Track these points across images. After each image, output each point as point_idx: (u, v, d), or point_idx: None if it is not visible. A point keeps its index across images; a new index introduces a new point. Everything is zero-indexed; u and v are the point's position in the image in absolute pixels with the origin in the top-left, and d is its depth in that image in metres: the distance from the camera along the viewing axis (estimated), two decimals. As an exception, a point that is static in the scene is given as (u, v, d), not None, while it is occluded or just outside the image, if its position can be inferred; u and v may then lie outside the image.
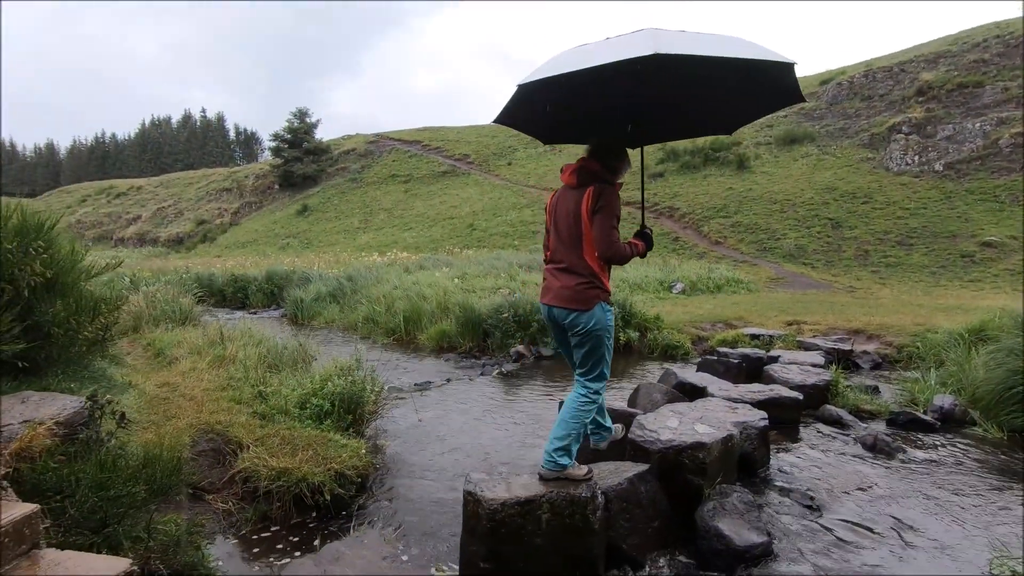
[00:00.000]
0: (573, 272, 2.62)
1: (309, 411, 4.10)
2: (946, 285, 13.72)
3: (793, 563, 2.72)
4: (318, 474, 3.29)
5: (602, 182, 2.65)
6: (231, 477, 3.37)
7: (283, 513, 3.16)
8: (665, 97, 2.85)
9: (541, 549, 2.35)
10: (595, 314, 2.60)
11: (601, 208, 2.55)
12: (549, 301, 2.70)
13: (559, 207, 2.72)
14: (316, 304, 12.11)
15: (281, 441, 3.58)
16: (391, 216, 30.96)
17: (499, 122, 2.84)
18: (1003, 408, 4.54)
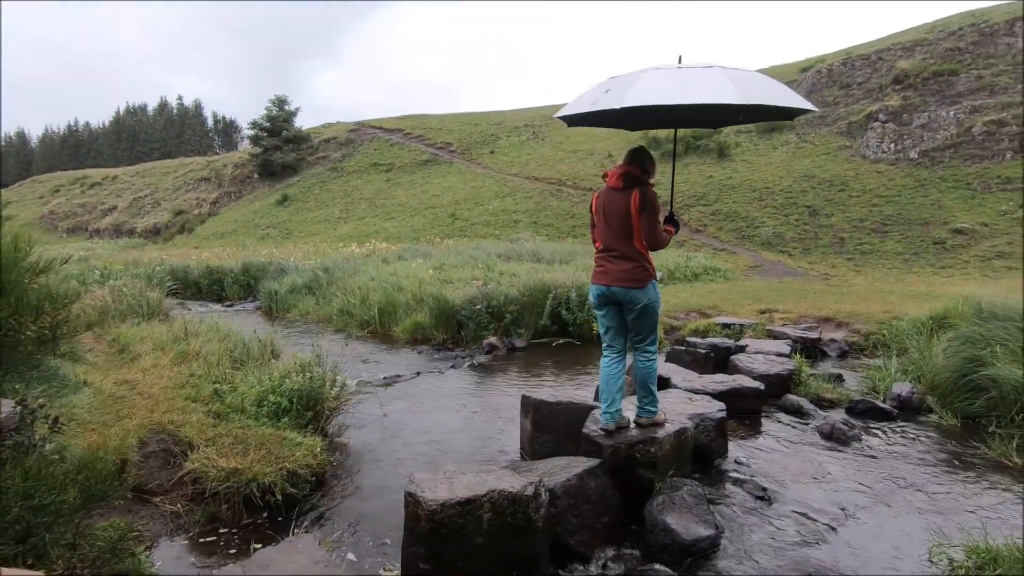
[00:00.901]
0: (628, 258, 3.18)
1: (266, 409, 4.04)
2: (918, 272, 13.94)
3: (737, 556, 2.75)
4: (269, 474, 3.25)
5: (643, 184, 3.19)
6: (180, 479, 3.31)
7: (232, 515, 3.12)
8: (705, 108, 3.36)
9: (482, 549, 2.33)
10: (648, 291, 3.18)
11: (647, 207, 3.11)
12: (608, 283, 3.22)
13: (607, 206, 3.25)
14: (291, 296, 11.97)
15: (233, 440, 3.52)
16: (373, 206, 30.65)
17: (573, 123, 3.63)
18: (958, 395, 4.62)
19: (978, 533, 2.79)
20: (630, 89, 2.86)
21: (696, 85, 2.82)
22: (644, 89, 2.85)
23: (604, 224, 3.26)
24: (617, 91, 2.94)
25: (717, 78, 2.85)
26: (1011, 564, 2.45)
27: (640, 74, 3.02)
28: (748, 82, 2.87)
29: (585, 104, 3.16)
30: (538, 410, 3.87)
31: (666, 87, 2.86)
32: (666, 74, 2.96)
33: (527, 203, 24.43)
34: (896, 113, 20.72)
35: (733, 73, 2.92)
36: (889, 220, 16.85)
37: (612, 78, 3.25)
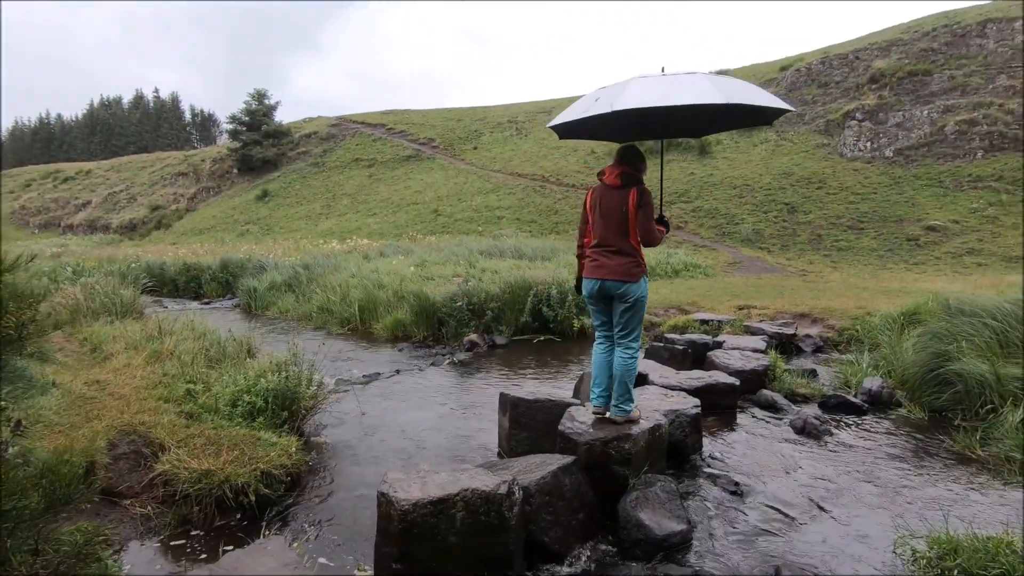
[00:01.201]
0: (623, 253, 3.26)
1: (241, 409, 3.99)
2: (892, 268, 14.23)
3: (708, 549, 2.79)
4: (242, 475, 3.21)
5: (640, 183, 3.29)
6: (151, 481, 3.26)
7: (204, 517, 3.08)
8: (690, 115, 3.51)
9: (455, 548, 2.34)
10: (641, 285, 3.28)
11: (644, 205, 3.21)
12: (603, 276, 3.29)
13: (603, 203, 3.31)
14: (270, 294, 11.82)
15: (206, 441, 3.47)
16: (354, 201, 30.37)
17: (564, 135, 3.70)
18: (926, 389, 4.73)
19: (940, 524, 2.86)
20: (619, 96, 2.99)
21: (681, 89, 3.00)
22: (633, 95, 2.98)
23: (601, 220, 3.32)
24: (606, 99, 3.07)
25: (700, 82, 3.03)
26: (970, 554, 2.53)
27: (627, 82, 3.16)
28: (728, 85, 3.07)
29: (576, 113, 3.26)
30: (515, 408, 3.88)
31: (653, 92, 3.00)
32: (652, 81, 3.11)
33: (510, 199, 24.41)
34: (872, 112, 21.09)
35: (714, 78, 3.13)
36: (865, 217, 17.17)
37: (601, 88, 3.38)
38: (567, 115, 3.36)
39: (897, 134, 20.06)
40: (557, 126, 3.45)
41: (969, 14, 23.23)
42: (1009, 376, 4.26)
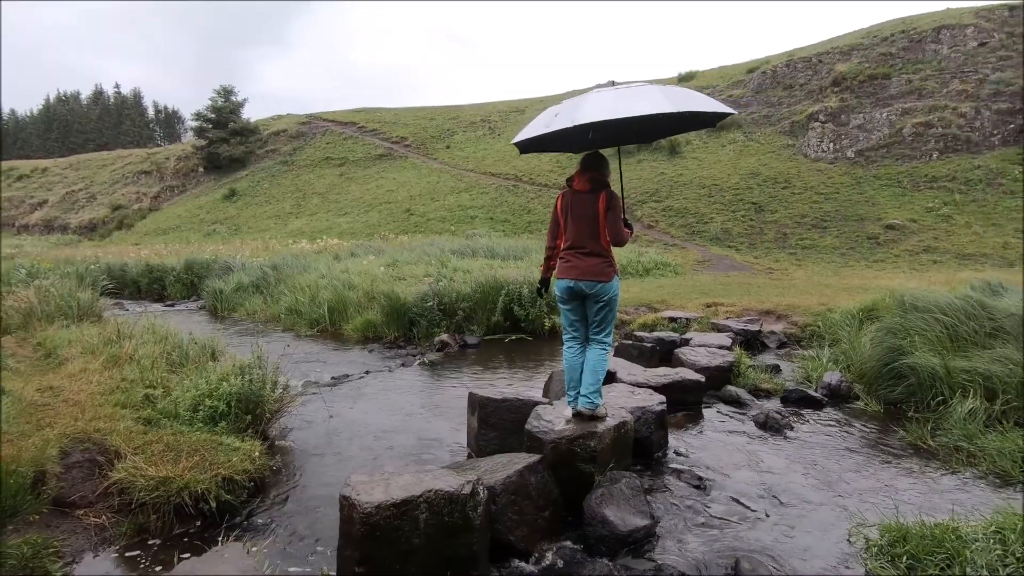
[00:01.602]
0: (595, 255, 3.40)
1: (202, 414, 3.90)
2: (853, 266, 14.68)
3: (671, 544, 2.84)
4: (203, 481, 3.13)
5: (607, 186, 3.45)
6: (106, 490, 3.15)
7: (162, 525, 3.00)
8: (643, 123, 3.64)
9: (419, 550, 2.33)
10: (613, 284, 3.44)
11: (612, 207, 3.37)
12: (577, 276, 3.41)
13: (575, 207, 3.46)
14: (237, 295, 11.57)
15: (165, 448, 3.38)
16: (325, 201, 29.93)
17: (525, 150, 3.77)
18: (882, 383, 4.90)
19: (892, 513, 2.97)
20: (579, 110, 3.13)
21: (635, 99, 3.16)
22: (592, 108, 3.13)
23: (573, 224, 3.46)
24: (566, 114, 3.23)
25: (651, 93, 3.20)
26: (918, 541, 2.63)
27: (584, 97, 3.30)
28: (675, 94, 3.27)
29: (539, 128, 3.39)
30: (484, 407, 3.88)
31: (610, 105, 3.14)
32: (607, 94, 3.26)
33: (483, 199, 24.39)
34: (835, 114, 21.72)
35: (663, 88, 3.30)
36: (828, 216, 17.67)
37: (557, 105, 3.52)
38: (529, 131, 3.49)
39: (858, 136, 20.70)
40: (520, 142, 3.57)
41: (924, 20, 24.11)
42: (958, 369, 4.44)
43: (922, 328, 4.92)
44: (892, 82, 21.72)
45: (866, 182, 18.90)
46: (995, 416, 4.06)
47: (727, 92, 27.82)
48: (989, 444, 3.74)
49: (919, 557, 2.56)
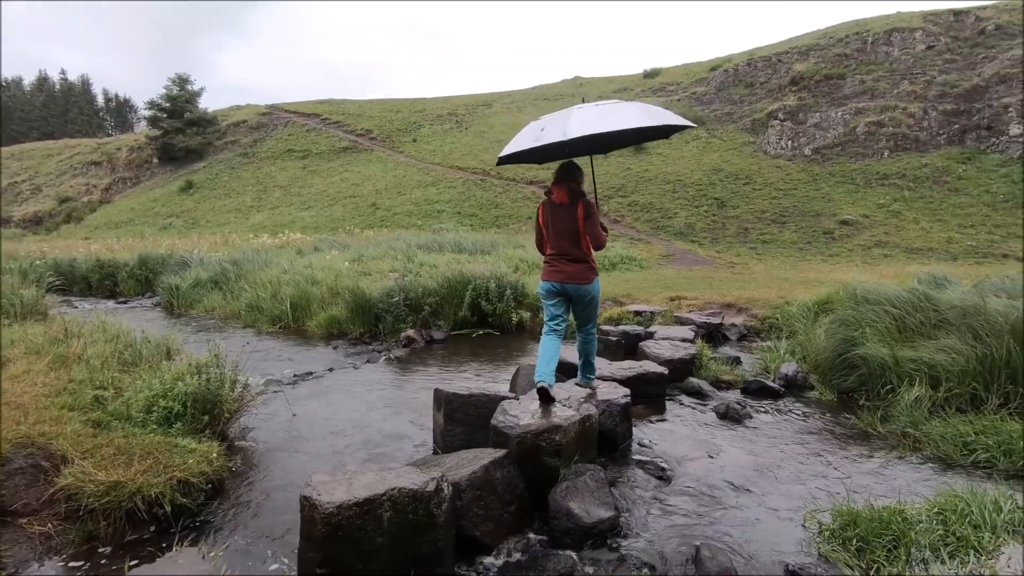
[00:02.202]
0: (578, 261, 3.77)
1: (156, 415, 3.76)
2: (810, 260, 15.18)
3: (635, 534, 2.89)
4: (157, 485, 3.02)
5: (583, 196, 3.75)
6: (51, 496, 3.01)
7: (113, 532, 2.88)
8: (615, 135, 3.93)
9: (383, 548, 2.30)
10: (595, 285, 3.85)
11: (590, 216, 3.70)
12: (562, 280, 3.79)
13: (555, 219, 3.77)
14: (195, 291, 11.19)
15: (115, 451, 3.24)
16: (288, 194, 29.21)
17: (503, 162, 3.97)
18: (835, 373, 5.09)
19: (843, 497, 3.09)
20: (568, 124, 3.38)
21: (618, 114, 3.53)
22: (579, 124, 3.40)
23: (555, 234, 3.79)
24: (555, 127, 3.48)
25: (630, 108, 3.57)
26: (867, 523, 2.74)
27: (568, 113, 3.56)
28: (650, 109, 3.67)
29: (528, 142, 3.62)
30: (450, 403, 3.86)
31: (595, 120, 3.44)
32: (589, 110, 3.54)
33: (450, 193, 24.22)
34: (793, 112, 22.37)
35: (638, 104, 3.69)
36: (786, 212, 18.22)
37: (542, 119, 3.80)
38: (518, 145, 3.73)
39: (815, 134, 21.38)
40: (507, 156, 3.78)
41: (877, 23, 25.03)
42: (905, 359, 4.64)
43: (873, 320, 5.12)
44: (847, 82, 22.49)
45: (822, 179, 19.55)
46: (939, 403, 4.26)
47: (691, 89, 28.33)
48: (933, 430, 3.92)
49: (868, 539, 2.67)
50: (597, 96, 32.78)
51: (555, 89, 37.89)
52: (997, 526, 2.69)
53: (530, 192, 22.92)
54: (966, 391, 4.30)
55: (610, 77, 38.72)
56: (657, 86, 30.83)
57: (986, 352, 4.36)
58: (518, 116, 33.01)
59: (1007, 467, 3.47)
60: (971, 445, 3.69)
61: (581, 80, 39.90)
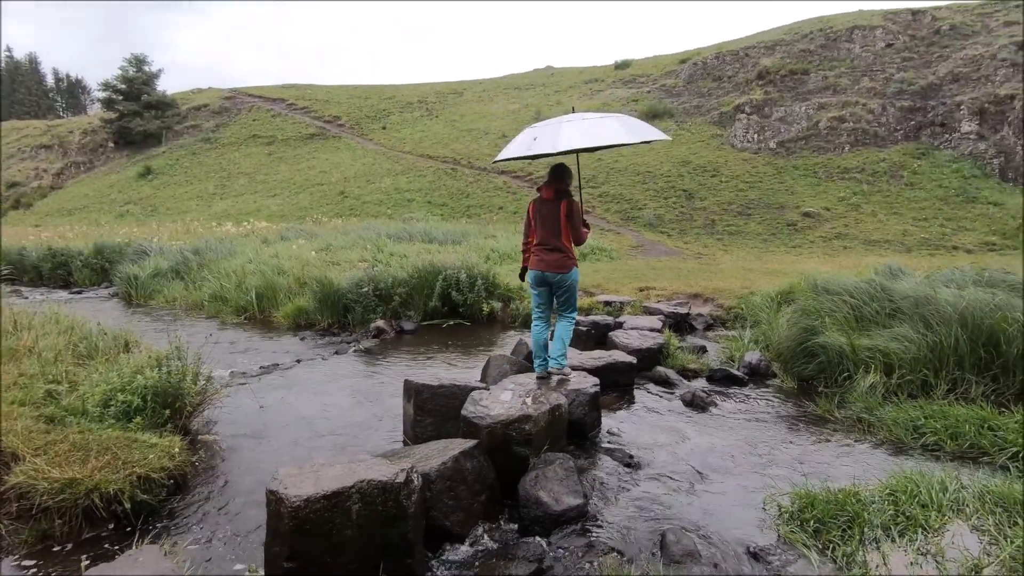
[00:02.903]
0: (557, 251, 4.15)
1: (114, 409, 3.64)
2: (774, 251, 15.60)
3: (603, 521, 2.94)
4: (115, 481, 2.93)
5: (568, 195, 4.19)
6: (2, 495, 2.89)
7: (69, 530, 2.78)
8: None
9: (352, 541, 2.29)
10: (572, 274, 4.20)
11: (572, 214, 4.13)
12: (543, 268, 4.18)
13: (542, 213, 4.20)
14: (154, 281, 10.83)
15: (71, 447, 3.13)
16: (252, 181, 28.42)
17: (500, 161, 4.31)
18: (796, 361, 5.25)
19: (802, 480, 3.21)
20: (558, 137, 3.85)
21: (602, 130, 3.96)
22: (567, 138, 3.85)
23: (541, 226, 4.20)
24: (547, 139, 3.91)
25: (612, 124, 3.99)
26: (824, 505, 2.85)
27: (558, 125, 3.97)
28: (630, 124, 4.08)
29: (522, 149, 4.05)
30: (420, 394, 3.85)
31: (580, 136, 3.89)
32: (577, 124, 3.94)
33: (421, 182, 23.95)
34: (759, 106, 22.80)
35: (619, 118, 4.08)
36: (752, 204, 18.64)
37: (533, 128, 4.22)
38: (513, 152, 4.16)
39: (779, 127, 21.86)
40: (501, 160, 4.22)
41: (839, 20, 25.66)
42: (862, 347, 4.83)
43: (832, 310, 5.30)
44: (810, 78, 23.03)
45: (786, 172, 20.04)
46: (892, 389, 4.45)
47: (661, 81, 28.58)
48: (886, 415, 4.09)
49: (824, 520, 2.78)
50: (568, 86, 32.81)
51: (526, 78, 37.72)
52: (943, 505, 2.83)
53: (501, 182, 22.85)
54: (917, 378, 4.50)
55: (581, 68, 38.75)
56: (628, 77, 31.01)
57: (936, 340, 4.57)
58: (489, 105, 32.79)
59: (953, 449, 3.66)
60: (921, 429, 3.86)
61: (552, 70, 39.81)
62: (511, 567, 2.54)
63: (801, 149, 20.87)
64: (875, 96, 21.08)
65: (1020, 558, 2.42)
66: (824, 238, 16.25)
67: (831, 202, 17.99)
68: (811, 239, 16.34)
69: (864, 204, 17.60)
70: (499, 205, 20.93)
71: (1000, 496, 2.86)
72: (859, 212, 17.29)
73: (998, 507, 2.80)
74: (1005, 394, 4.31)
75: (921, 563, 2.49)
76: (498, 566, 2.56)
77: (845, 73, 22.72)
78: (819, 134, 20.87)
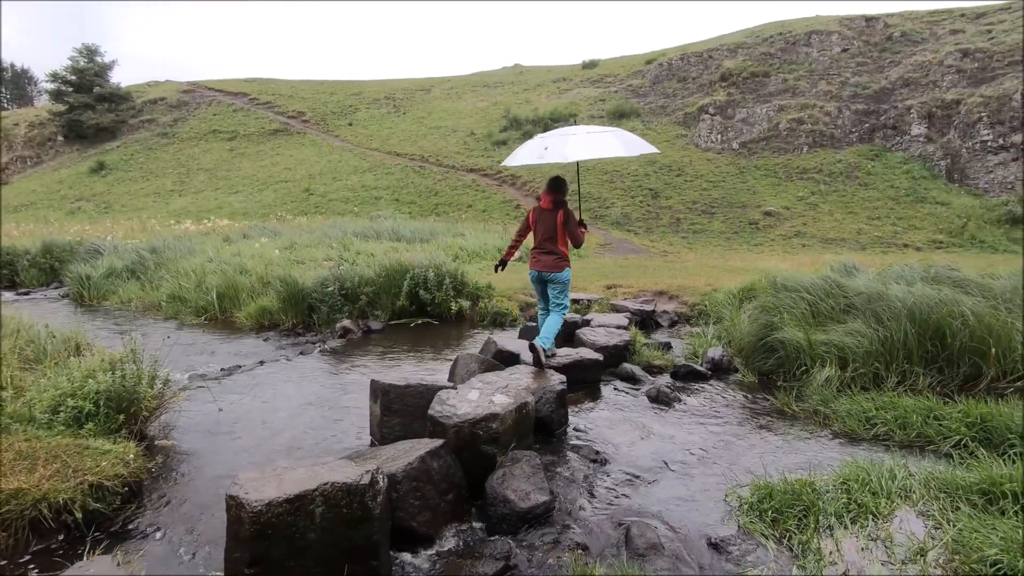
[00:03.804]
0: (552, 254, 4.76)
1: (64, 415, 3.49)
2: (737, 249, 16.00)
3: (570, 517, 2.97)
4: (65, 491, 2.81)
5: (564, 204, 4.77)
6: (-61, 508, 2.74)
7: (15, 543, 2.66)
8: None
9: (315, 544, 2.25)
10: (564, 274, 4.80)
11: (568, 221, 4.70)
12: (540, 268, 4.81)
13: (541, 220, 4.78)
14: (108, 281, 10.41)
15: (16, 456, 2.99)
16: (213, 177, 27.59)
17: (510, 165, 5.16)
18: (757, 356, 5.40)
19: (761, 472, 3.31)
20: (567, 148, 4.51)
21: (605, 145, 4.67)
22: (575, 149, 4.50)
23: (539, 231, 4.79)
24: (557, 149, 4.58)
25: (611, 139, 4.71)
26: (781, 496, 2.95)
27: (565, 138, 4.67)
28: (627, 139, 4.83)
29: (533, 158, 4.75)
30: (386, 394, 3.81)
31: (586, 148, 4.59)
32: (582, 138, 4.64)
33: (388, 179, 23.68)
34: (722, 107, 23.33)
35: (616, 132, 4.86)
36: (715, 203, 19.07)
37: (543, 138, 4.90)
38: (523, 159, 4.86)
39: (742, 128, 22.42)
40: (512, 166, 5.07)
41: (798, 25, 26.45)
42: (818, 342, 5.00)
43: (790, 306, 5.47)
44: (771, 80, 23.68)
45: (748, 172, 20.57)
46: (846, 382, 4.62)
47: (627, 81, 28.94)
48: (841, 407, 4.25)
49: (782, 510, 2.88)
50: (537, 84, 32.89)
51: (495, 76, 37.66)
52: (892, 492, 2.97)
53: (470, 180, 22.78)
54: (870, 370, 4.69)
55: (550, 67, 38.91)
56: (596, 77, 31.29)
57: (887, 335, 4.77)
58: (458, 102, 32.62)
59: (902, 439, 3.83)
60: (872, 420, 4.03)
61: (521, 68, 39.86)
62: (478, 566, 2.55)
63: (762, 150, 21.45)
64: (832, 99, 21.82)
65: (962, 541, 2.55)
66: (784, 236, 16.75)
67: (790, 201, 18.55)
68: (772, 237, 16.82)
69: (822, 204, 18.21)
70: (468, 203, 20.86)
71: (944, 482, 3.02)
72: (817, 211, 17.88)
73: (942, 493, 2.95)
74: (949, 385, 4.53)
75: (871, 548, 2.60)
76: (465, 565, 2.56)
77: (804, 76, 23.44)
78: (779, 135, 21.48)
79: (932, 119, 19.35)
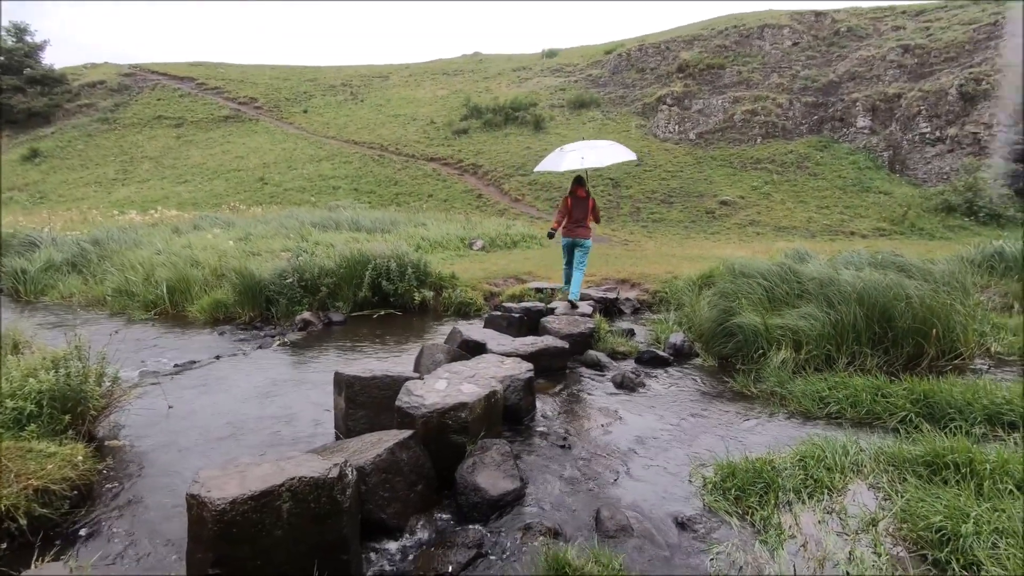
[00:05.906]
0: (584, 227, 6.74)
1: (3, 418, 3.27)
2: (695, 237, 16.38)
3: (540, 503, 2.99)
4: (7, 496, 2.65)
5: (589, 194, 6.77)
6: None
7: (-49, 553, 2.49)
8: None
9: (283, 541, 2.19)
10: (589, 242, 6.77)
11: (595, 206, 6.89)
12: (575, 236, 6.74)
13: (577, 204, 6.70)
14: (47, 275, 9.82)
15: (-50, 462, 2.79)
16: (159, 166, 26.34)
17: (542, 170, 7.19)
18: (717, 341, 5.56)
19: (723, 452, 3.41)
20: (587, 156, 6.57)
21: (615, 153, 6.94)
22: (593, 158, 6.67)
23: (576, 211, 6.69)
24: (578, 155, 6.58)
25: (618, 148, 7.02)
26: (743, 474, 3.05)
27: (581, 153, 6.61)
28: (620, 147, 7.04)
29: (564, 165, 6.56)
30: (351, 386, 3.74)
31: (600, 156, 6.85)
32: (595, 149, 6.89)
33: (346, 168, 23.14)
34: (680, 98, 23.74)
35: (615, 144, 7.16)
36: (674, 192, 19.45)
37: (561, 151, 6.92)
38: (550, 165, 6.87)
39: (699, 119, 22.89)
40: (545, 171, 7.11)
41: (751, 19, 27.10)
42: (774, 326, 5.18)
43: (747, 292, 5.65)
44: (726, 72, 24.23)
45: (705, 162, 21.05)
46: (801, 364, 4.81)
47: (587, 71, 29.07)
48: (796, 388, 4.43)
49: (744, 488, 2.98)
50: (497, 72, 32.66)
51: (454, 64, 37.20)
52: (845, 467, 3.11)
53: (431, 169, 22.50)
54: (822, 352, 4.89)
55: (510, 55, 38.69)
56: (556, 66, 31.30)
57: (838, 318, 4.98)
58: (417, 90, 32.09)
59: (853, 416, 4.01)
60: (826, 399, 4.21)
61: (481, 56, 39.48)
62: (450, 555, 2.54)
63: (718, 140, 21.98)
64: (783, 91, 22.50)
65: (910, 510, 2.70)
66: (739, 225, 17.25)
67: (745, 191, 19.10)
68: (728, 226, 17.30)
69: (774, 193, 18.83)
70: (429, 192, 20.62)
71: (892, 456, 3.18)
72: (770, 200, 18.48)
73: (891, 466, 3.11)
74: (895, 364, 4.78)
75: (828, 520, 2.72)
76: (437, 555, 2.55)
77: (757, 69, 24.08)
78: (734, 126, 22.04)
79: (876, 112, 20.23)
